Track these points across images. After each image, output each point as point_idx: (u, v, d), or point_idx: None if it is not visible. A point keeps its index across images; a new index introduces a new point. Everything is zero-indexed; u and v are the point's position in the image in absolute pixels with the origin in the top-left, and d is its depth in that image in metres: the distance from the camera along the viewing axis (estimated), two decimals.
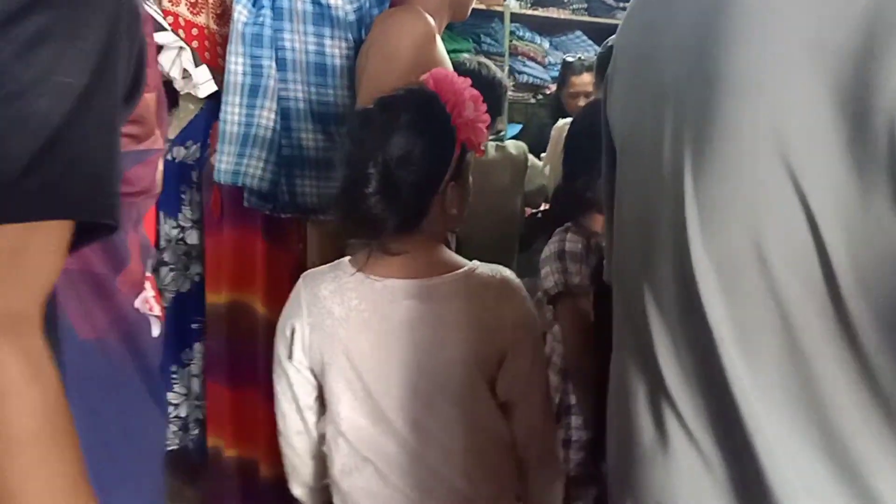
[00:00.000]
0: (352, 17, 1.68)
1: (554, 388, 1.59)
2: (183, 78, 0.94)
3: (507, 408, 1.16)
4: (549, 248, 1.62)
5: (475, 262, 1.17)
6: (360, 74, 1.56)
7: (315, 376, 1.18)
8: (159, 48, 0.96)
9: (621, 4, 4.08)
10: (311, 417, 1.21)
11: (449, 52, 1.93)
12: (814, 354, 0.62)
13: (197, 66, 0.95)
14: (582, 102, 2.89)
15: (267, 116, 1.68)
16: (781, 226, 0.64)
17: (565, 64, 3.08)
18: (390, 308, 1.11)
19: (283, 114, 1.70)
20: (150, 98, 0.74)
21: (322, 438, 1.19)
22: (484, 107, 1.17)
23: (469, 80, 1.15)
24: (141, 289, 0.96)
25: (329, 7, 1.65)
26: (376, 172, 1.05)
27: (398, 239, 1.10)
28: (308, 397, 1.20)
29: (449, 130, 1.12)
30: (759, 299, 0.64)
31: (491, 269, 1.17)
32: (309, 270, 1.23)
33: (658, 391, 0.73)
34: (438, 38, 1.55)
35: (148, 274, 1.00)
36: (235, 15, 1.63)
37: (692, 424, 0.70)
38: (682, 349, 0.72)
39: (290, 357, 1.17)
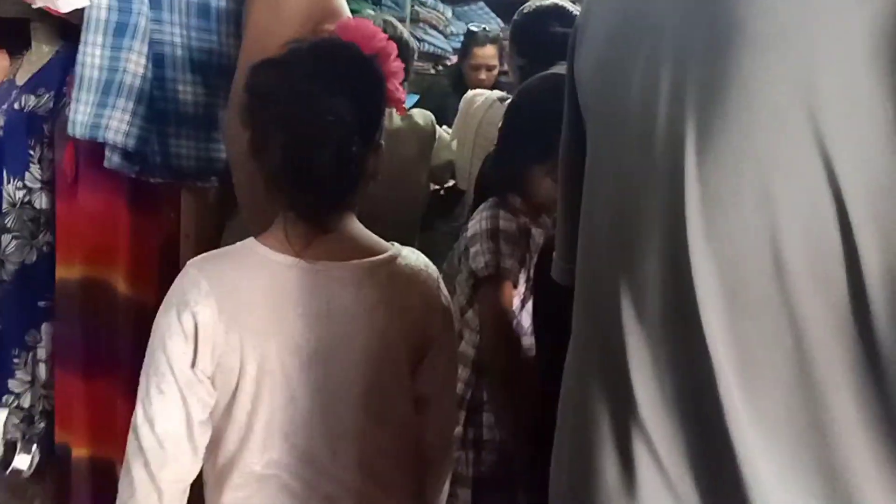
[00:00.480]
0: None
1: (464, 382, 1.45)
2: None
3: (419, 403, 1.10)
4: (480, 225, 1.47)
5: (394, 245, 1.09)
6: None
7: (214, 386, 0.99)
8: None
9: None
10: (202, 441, 1.00)
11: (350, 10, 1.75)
12: (829, 385, 0.50)
13: None
14: (483, 76, 2.78)
15: (136, 61, 1.43)
16: (806, 220, 0.52)
17: (469, 34, 2.96)
18: (333, 297, 1.00)
19: (157, 60, 1.46)
20: None
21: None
22: (399, 62, 1.07)
23: (380, 32, 1.04)
24: None
25: None
26: (329, 133, 0.95)
27: (336, 213, 1.02)
28: (203, 413, 0.99)
29: (382, 85, 1.04)
30: (771, 312, 0.53)
31: (415, 256, 1.10)
32: (201, 256, 1.05)
33: (628, 418, 0.59)
34: None
35: None
36: None
37: (668, 461, 0.57)
38: (665, 368, 0.58)
39: (193, 364, 0.96)
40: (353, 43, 1.02)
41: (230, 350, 0.96)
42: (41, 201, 1.81)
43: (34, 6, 0.88)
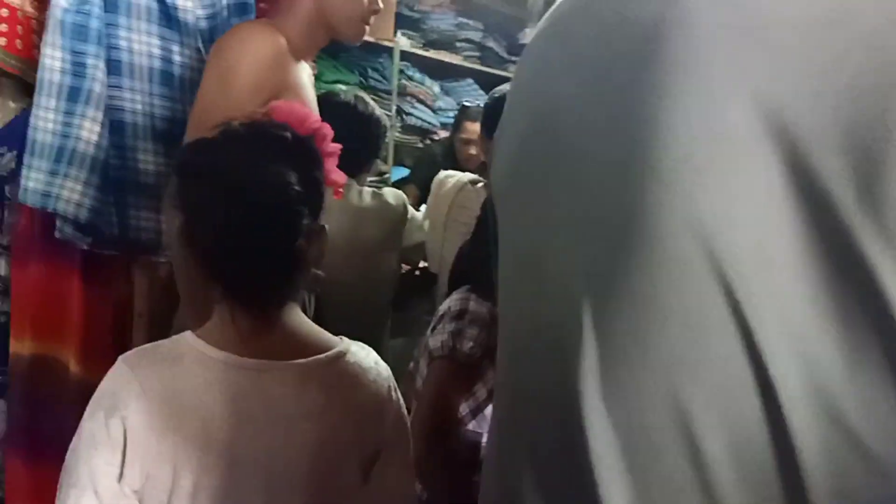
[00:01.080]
0: (203, 24, 1.42)
1: None
2: None
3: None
4: (449, 306, 1.38)
5: (342, 340, 0.98)
6: None
7: (142, 502, 0.86)
8: None
9: (513, 58, 4.02)
10: None
11: (332, 83, 1.72)
12: None
13: None
14: (473, 150, 2.76)
15: (89, 128, 1.36)
16: (719, 389, 0.43)
17: (463, 108, 2.96)
18: (275, 400, 0.89)
19: (115, 127, 1.39)
20: None
21: None
22: (333, 146, 1.03)
23: (314, 114, 1.01)
24: None
25: (175, 8, 1.38)
26: (266, 207, 0.88)
27: (276, 304, 0.92)
28: None
29: (318, 163, 0.96)
30: (686, 493, 0.44)
31: (365, 353, 1.01)
32: (134, 351, 0.93)
33: None
34: (297, 63, 1.35)
35: None
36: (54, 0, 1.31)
37: None
38: None
39: (119, 477, 0.83)
40: (285, 124, 0.96)
41: (162, 461, 0.84)
42: (1, 267, 1.73)
43: None
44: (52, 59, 1.33)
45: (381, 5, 1.40)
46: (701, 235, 0.43)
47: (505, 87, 1.86)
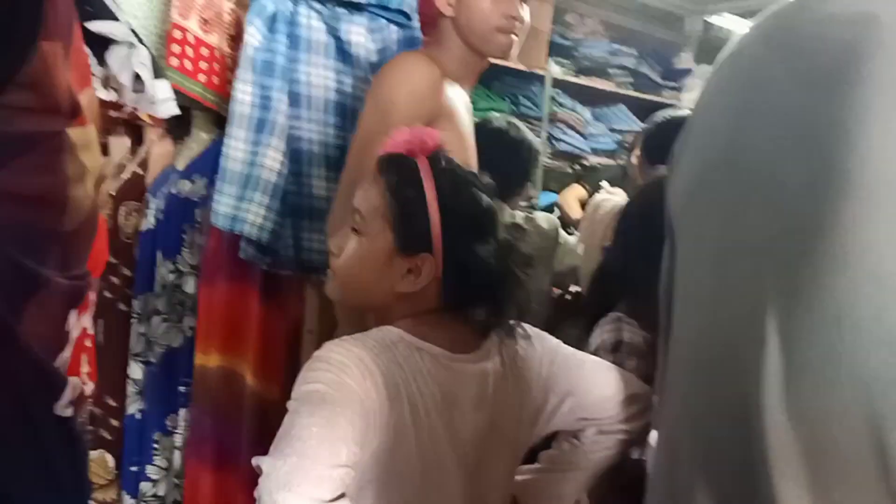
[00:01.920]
0: (374, 58, 1.50)
1: None
2: (135, 90, 0.74)
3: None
4: (602, 338, 1.34)
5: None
6: None
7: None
8: (104, 41, 0.75)
9: (669, 83, 3.93)
10: None
11: (485, 110, 1.76)
12: None
13: (158, 76, 0.75)
14: None
15: (272, 157, 1.47)
16: None
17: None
18: (484, 387, 0.97)
19: (293, 156, 1.49)
20: (51, 50, 0.51)
21: None
22: None
23: (432, 132, 1.01)
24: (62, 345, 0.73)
25: (350, 44, 1.47)
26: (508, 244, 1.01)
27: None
28: None
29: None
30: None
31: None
32: (342, 338, 0.93)
33: None
34: (454, 89, 1.37)
35: (88, 344, 0.77)
36: (246, 37, 1.43)
37: None
38: None
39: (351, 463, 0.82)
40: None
41: (381, 435, 0.85)
42: (189, 285, 1.86)
43: (130, 108, 0.93)
44: (244, 93, 1.45)
45: (517, 12, 1.37)
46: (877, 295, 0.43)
47: (665, 112, 1.83)
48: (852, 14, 0.50)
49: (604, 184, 2.28)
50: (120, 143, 1.93)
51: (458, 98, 1.40)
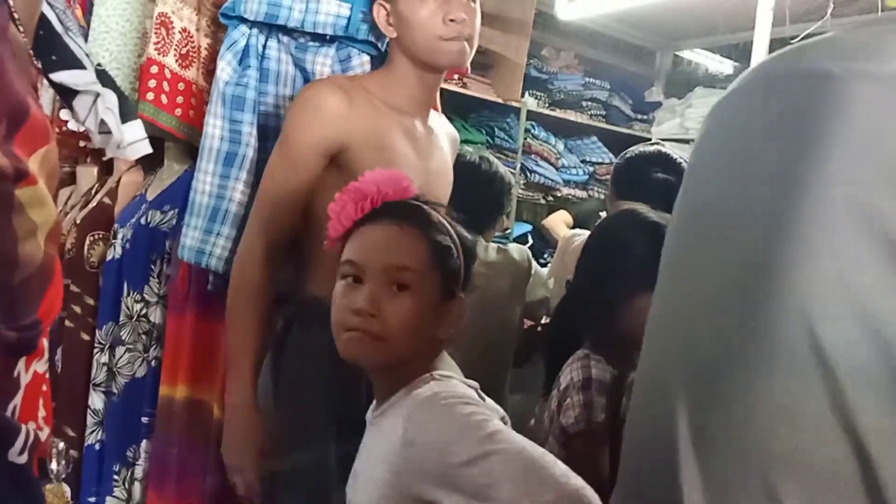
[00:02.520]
0: None
1: None
2: (101, 132, 0.74)
3: None
4: (572, 376, 1.35)
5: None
6: None
7: None
8: (68, 90, 0.75)
9: (639, 116, 3.99)
10: None
11: (461, 142, 1.76)
12: None
13: (126, 120, 0.74)
14: None
15: (242, 191, 1.46)
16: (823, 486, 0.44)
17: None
18: None
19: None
20: None
21: None
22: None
23: (400, 175, 1.01)
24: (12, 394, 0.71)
25: (315, 75, 1.47)
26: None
27: None
28: None
29: None
30: None
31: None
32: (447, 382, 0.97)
33: None
34: (399, 116, 1.34)
35: (44, 388, 0.75)
36: (218, 72, 1.43)
37: None
38: None
39: None
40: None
41: None
42: (156, 315, 1.84)
43: (105, 157, 0.91)
44: (214, 127, 1.44)
45: (458, 14, 1.29)
46: (807, 327, 0.45)
47: (637, 147, 1.85)
48: (812, 71, 0.52)
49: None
50: (87, 173, 1.90)
51: (403, 124, 1.35)
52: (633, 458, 0.59)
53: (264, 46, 1.47)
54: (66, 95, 0.77)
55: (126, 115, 0.79)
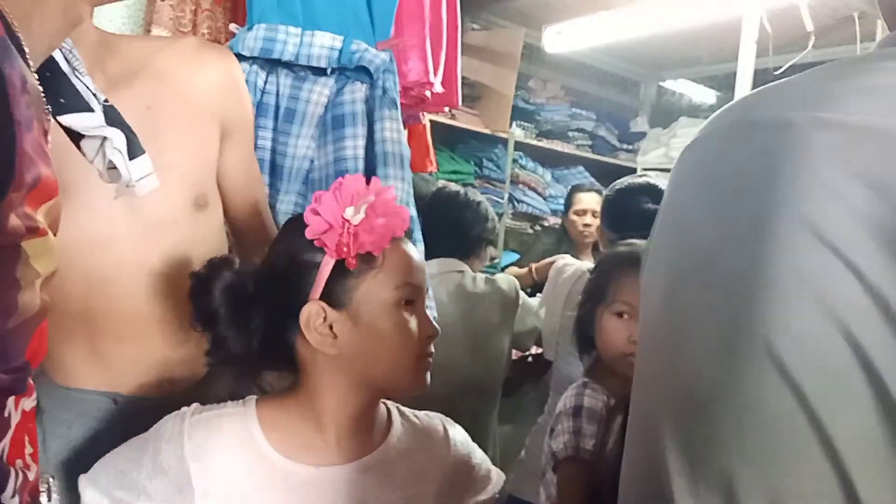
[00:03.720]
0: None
1: None
2: (109, 169, 0.75)
3: None
4: (565, 403, 1.38)
5: None
6: None
7: None
8: (76, 135, 0.77)
9: (624, 146, 4.07)
10: None
11: (449, 173, 1.78)
12: None
13: (134, 156, 0.75)
14: (588, 220, 2.74)
15: None
16: None
17: (572, 188, 2.98)
18: None
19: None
20: (12, 198, 0.52)
21: None
22: None
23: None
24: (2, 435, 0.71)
25: (311, 103, 1.51)
26: None
27: None
28: None
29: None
30: None
31: None
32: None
33: None
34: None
35: (30, 425, 0.75)
36: None
37: None
38: None
39: None
40: None
41: None
42: None
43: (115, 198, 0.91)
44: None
45: None
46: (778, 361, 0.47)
47: (626, 179, 1.88)
48: (771, 119, 0.55)
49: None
50: None
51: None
52: (630, 486, 0.62)
53: (265, 82, 1.50)
54: (74, 136, 0.79)
55: (133, 151, 0.81)
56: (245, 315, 0.84)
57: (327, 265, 0.82)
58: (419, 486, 0.89)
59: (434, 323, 0.88)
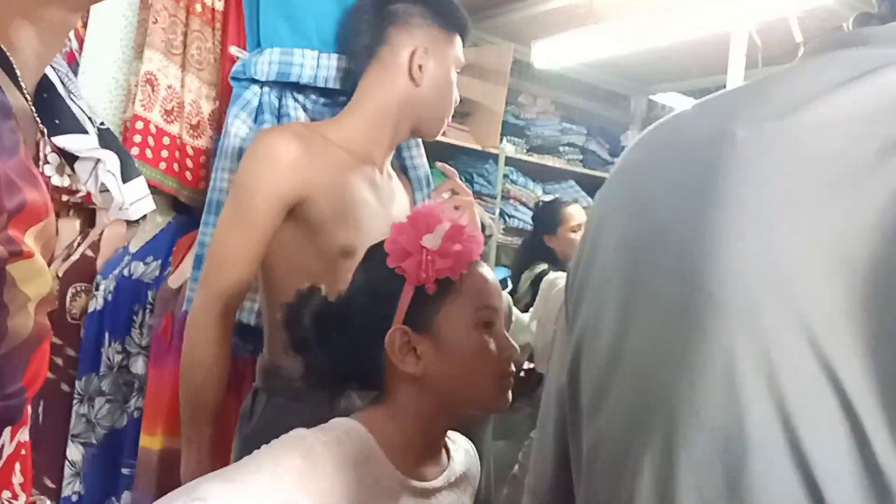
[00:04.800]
0: None
1: None
2: (101, 192, 0.77)
3: None
4: None
5: None
6: None
7: None
8: (71, 156, 0.78)
9: (615, 160, 4.08)
10: None
11: None
12: None
13: (129, 179, 0.77)
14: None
15: None
16: None
17: (558, 202, 2.92)
18: None
19: None
20: None
21: None
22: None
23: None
24: None
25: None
26: None
27: None
28: None
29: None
30: None
31: None
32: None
33: None
34: (355, 163, 1.30)
35: (23, 452, 0.75)
36: (232, 129, 1.46)
37: None
38: None
39: None
40: None
41: None
42: (137, 366, 1.88)
43: (109, 220, 0.91)
44: (230, 182, 1.44)
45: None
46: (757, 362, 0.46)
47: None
48: (713, 133, 0.53)
49: None
50: (69, 226, 1.94)
51: (357, 171, 1.30)
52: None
53: (281, 105, 1.50)
54: (68, 157, 0.80)
55: (128, 174, 0.82)
56: (334, 341, 0.88)
57: (408, 291, 0.87)
58: (469, 500, 0.96)
59: (513, 343, 0.92)
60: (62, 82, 0.78)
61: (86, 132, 0.74)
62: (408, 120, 1.37)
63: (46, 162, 0.81)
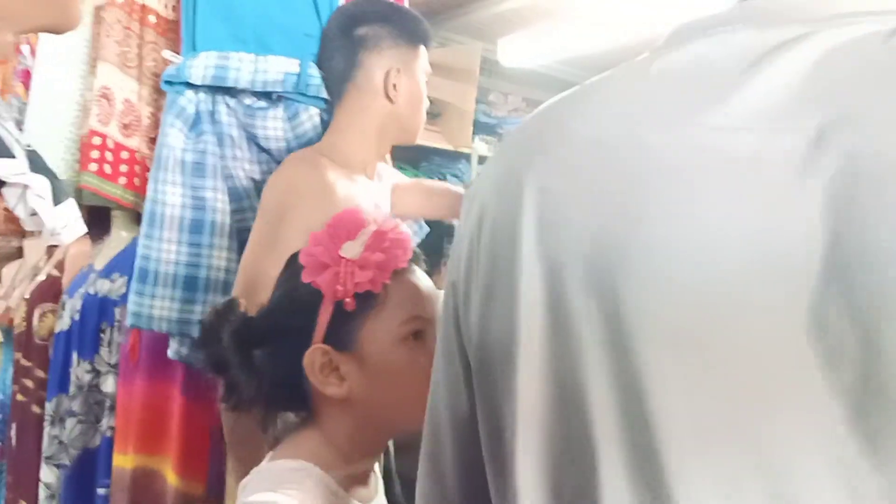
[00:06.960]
0: (294, 145, 1.54)
1: None
2: (31, 216, 0.76)
3: None
4: None
5: None
6: None
7: None
8: None
9: None
10: None
11: None
12: None
13: (59, 202, 0.76)
14: None
15: (226, 257, 1.49)
16: None
17: None
18: None
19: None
20: None
21: None
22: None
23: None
24: None
25: (268, 139, 1.52)
26: None
27: None
28: None
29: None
30: None
31: None
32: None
33: None
34: (347, 182, 1.37)
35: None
36: (167, 139, 1.46)
37: None
38: None
39: None
40: None
41: None
42: (108, 385, 1.87)
43: (46, 246, 0.90)
44: (173, 195, 1.46)
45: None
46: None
47: None
48: (624, 140, 0.48)
49: None
50: (35, 246, 1.93)
51: (356, 183, 1.40)
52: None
53: (215, 112, 1.50)
54: None
55: (58, 196, 0.81)
56: (256, 360, 0.83)
57: (327, 308, 0.81)
58: None
59: None
60: None
61: (12, 156, 0.73)
62: (389, 134, 1.48)
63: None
